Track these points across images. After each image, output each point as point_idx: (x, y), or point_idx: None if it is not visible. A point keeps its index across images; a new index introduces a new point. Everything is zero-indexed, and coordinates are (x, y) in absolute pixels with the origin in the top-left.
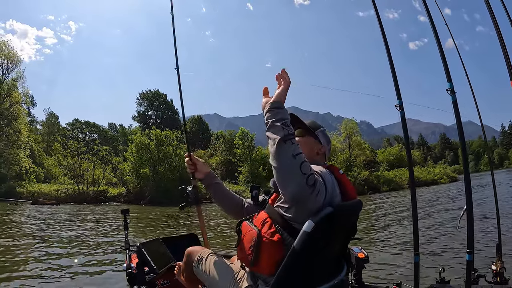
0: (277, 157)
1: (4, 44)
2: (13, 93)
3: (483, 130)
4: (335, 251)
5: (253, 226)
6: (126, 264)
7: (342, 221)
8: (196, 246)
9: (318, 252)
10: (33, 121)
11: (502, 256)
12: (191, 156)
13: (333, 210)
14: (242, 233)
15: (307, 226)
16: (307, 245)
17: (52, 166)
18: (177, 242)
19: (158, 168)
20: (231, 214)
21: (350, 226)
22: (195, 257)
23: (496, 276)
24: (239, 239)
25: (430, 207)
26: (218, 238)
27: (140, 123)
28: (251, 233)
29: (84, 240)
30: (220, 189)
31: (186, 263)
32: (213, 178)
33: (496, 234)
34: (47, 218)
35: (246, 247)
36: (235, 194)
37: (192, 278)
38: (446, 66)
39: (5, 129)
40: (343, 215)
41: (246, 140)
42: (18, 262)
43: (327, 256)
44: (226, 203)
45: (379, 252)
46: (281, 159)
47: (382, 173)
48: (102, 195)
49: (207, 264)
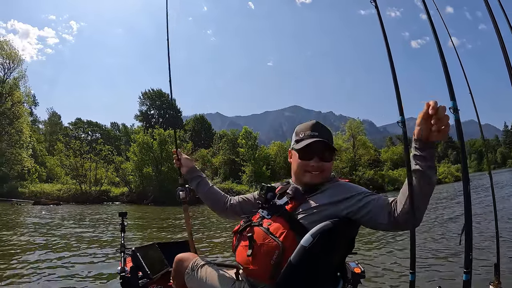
0: (428, 198)
1: (6, 43)
2: (15, 93)
3: (481, 131)
4: (332, 266)
5: (273, 236)
6: (121, 267)
7: (340, 236)
8: (186, 252)
9: (315, 267)
10: (35, 121)
11: (500, 277)
12: (177, 151)
13: (332, 225)
14: (257, 242)
15: (305, 241)
16: (304, 259)
17: (54, 166)
18: (173, 248)
19: (161, 167)
20: (213, 209)
21: (348, 241)
22: (188, 264)
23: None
24: (251, 247)
25: (431, 212)
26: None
27: (143, 122)
28: (271, 245)
29: (82, 241)
30: (203, 183)
31: (177, 270)
32: (195, 171)
33: (495, 254)
34: (49, 218)
35: (265, 260)
36: (218, 190)
37: (185, 285)
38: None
39: (7, 128)
40: (341, 230)
41: (250, 139)
42: (15, 262)
43: (323, 270)
44: (210, 198)
45: (376, 267)
46: (428, 200)
47: (387, 172)
48: (104, 195)
49: (204, 272)
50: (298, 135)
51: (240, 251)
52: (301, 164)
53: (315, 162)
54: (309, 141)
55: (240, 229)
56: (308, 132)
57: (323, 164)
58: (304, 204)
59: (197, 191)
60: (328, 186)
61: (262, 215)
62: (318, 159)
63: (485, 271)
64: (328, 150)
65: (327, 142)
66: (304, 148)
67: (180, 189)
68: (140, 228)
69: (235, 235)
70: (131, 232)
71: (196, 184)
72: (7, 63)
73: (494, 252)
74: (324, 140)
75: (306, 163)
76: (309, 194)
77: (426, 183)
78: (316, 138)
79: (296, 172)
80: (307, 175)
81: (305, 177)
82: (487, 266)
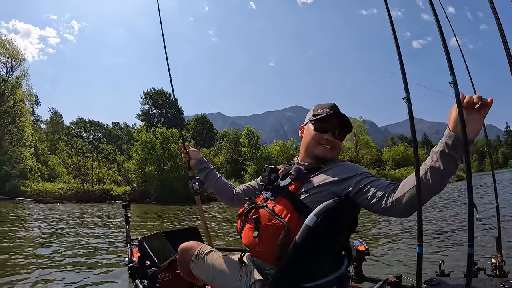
0: (441, 187)
1: (8, 42)
2: (17, 91)
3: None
4: (336, 245)
5: (279, 217)
6: (128, 258)
7: (343, 215)
8: (190, 241)
9: (319, 246)
10: (37, 120)
11: (502, 250)
12: (184, 145)
13: (335, 203)
14: (263, 223)
15: (309, 220)
16: (309, 239)
17: (56, 165)
18: (178, 235)
19: (163, 166)
20: (222, 199)
21: (352, 220)
22: (193, 252)
23: (496, 269)
24: (257, 229)
25: (434, 204)
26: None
27: (145, 121)
28: (277, 226)
29: (86, 236)
30: (211, 174)
31: (182, 260)
32: (204, 163)
33: (496, 227)
34: (51, 216)
35: (270, 240)
36: (226, 181)
37: (192, 273)
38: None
39: (9, 127)
40: (344, 209)
41: (252, 138)
42: (20, 259)
43: (328, 249)
44: (218, 188)
45: (379, 245)
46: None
47: (389, 172)
48: (107, 194)
49: (211, 258)
50: (316, 111)
51: (246, 233)
52: (316, 136)
53: (329, 136)
54: (327, 114)
55: (244, 211)
56: (327, 109)
57: (335, 141)
58: (307, 183)
59: (206, 182)
60: (331, 166)
61: (266, 197)
62: (332, 134)
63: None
64: (342, 130)
65: (344, 118)
66: (321, 120)
67: (193, 181)
68: (144, 227)
69: (239, 218)
70: (135, 230)
71: (205, 175)
72: (9, 61)
73: (495, 227)
74: (342, 113)
75: (320, 136)
76: (312, 173)
77: (441, 184)
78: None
79: (308, 144)
80: (320, 148)
81: (317, 149)
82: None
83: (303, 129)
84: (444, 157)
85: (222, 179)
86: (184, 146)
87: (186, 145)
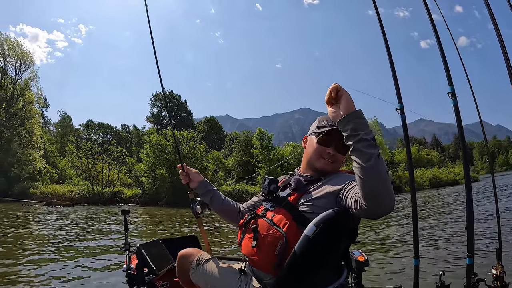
0: (378, 172)
1: (17, 44)
2: (26, 93)
3: (483, 130)
4: (336, 255)
5: (277, 227)
6: (126, 265)
7: (342, 225)
8: (189, 248)
9: (318, 256)
10: (46, 123)
11: (503, 260)
12: (183, 166)
13: (334, 214)
14: (261, 233)
15: (308, 230)
16: (308, 249)
17: (66, 167)
18: (177, 243)
19: (174, 168)
20: (228, 220)
21: (351, 230)
22: (193, 259)
23: (496, 281)
24: (255, 239)
25: (437, 208)
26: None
27: (154, 124)
28: (275, 235)
29: (90, 240)
30: (216, 196)
31: (181, 267)
32: (207, 185)
33: (497, 238)
34: (59, 219)
35: (268, 250)
36: (231, 201)
37: (190, 280)
38: (447, 69)
39: (18, 129)
40: (343, 219)
41: (264, 140)
42: (22, 262)
43: (327, 259)
44: (224, 211)
45: (379, 254)
46: (382, 175)
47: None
48: (117, 196)
49: (210, 266)
50: (320, 123)
51: (245, 243)
52: (318, 149)
53: (331, 150)
54: (331, 128)
55: (245, 222)
56: (332, 122)
57: (337, 155)
58: (306, 195)
59: (211, 205)
60: (331, 177)
61: (266, 207)
62: (334, 149)
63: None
64: (346, 144)
65: None
66: (324, 134)
67: (196, 204)
68: (153, 230)
69: (240, 229)
70: (143, 233)
71: (209, 199)
72: (19, 64)
73: (496, 237)
74: None
75: (323, 149)
76: (311, 185)
77: (365, 161)
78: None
79: (310, 157)
80: (321, 161)
81: (318, 162)
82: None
83: (306, 139)
84: (351, 141)
85: (227, 200)
86: (183, 167)
87: (185, 166)
